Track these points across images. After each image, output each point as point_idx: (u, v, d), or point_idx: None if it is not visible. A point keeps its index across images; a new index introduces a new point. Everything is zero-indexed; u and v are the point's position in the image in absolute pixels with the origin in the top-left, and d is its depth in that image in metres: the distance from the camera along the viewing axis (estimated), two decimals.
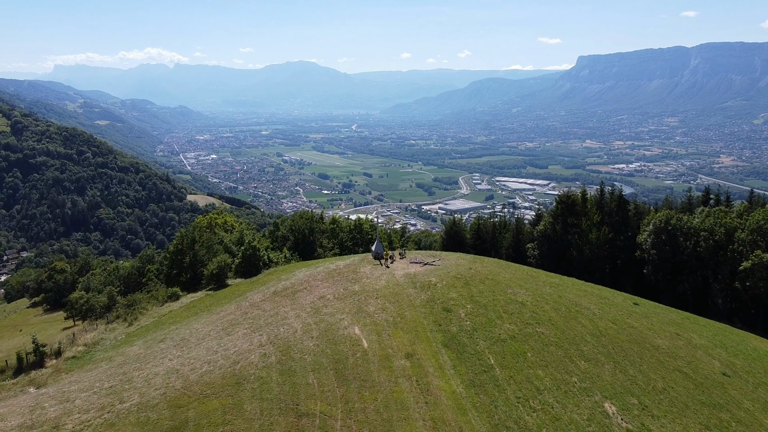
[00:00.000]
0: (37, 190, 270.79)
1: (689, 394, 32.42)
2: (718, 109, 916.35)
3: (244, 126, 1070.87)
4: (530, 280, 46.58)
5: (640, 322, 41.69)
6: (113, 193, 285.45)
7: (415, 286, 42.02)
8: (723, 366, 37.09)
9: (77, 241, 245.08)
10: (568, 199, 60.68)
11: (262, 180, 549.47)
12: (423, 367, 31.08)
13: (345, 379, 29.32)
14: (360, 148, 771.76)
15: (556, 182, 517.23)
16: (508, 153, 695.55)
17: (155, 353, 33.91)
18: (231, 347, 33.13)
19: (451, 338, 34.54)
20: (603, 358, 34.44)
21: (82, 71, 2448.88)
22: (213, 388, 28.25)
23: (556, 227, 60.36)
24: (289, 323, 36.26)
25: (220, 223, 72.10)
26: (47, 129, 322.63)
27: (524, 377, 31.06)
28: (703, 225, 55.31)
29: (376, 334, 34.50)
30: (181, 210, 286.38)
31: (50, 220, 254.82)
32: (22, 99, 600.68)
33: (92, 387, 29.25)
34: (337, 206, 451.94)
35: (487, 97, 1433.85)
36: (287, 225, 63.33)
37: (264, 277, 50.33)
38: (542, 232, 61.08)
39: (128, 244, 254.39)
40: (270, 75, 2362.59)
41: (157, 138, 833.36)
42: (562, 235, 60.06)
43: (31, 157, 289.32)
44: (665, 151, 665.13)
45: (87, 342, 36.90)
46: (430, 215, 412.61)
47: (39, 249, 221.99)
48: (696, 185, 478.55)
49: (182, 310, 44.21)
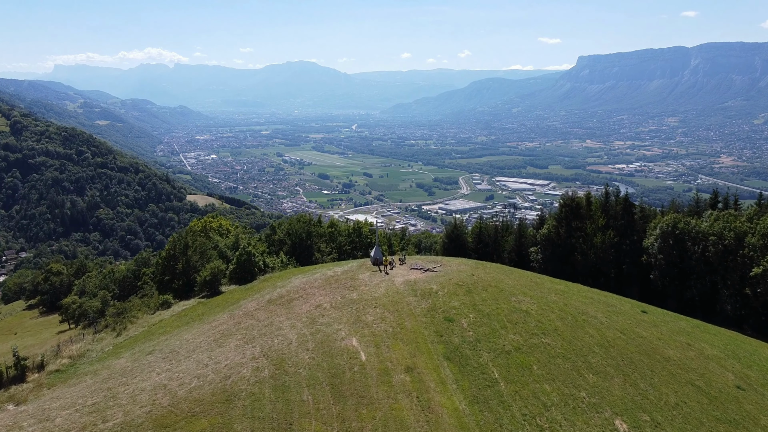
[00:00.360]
0: (36, 191, 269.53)
1: (703, 409, 30.86)
2: (719, 109, 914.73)
3: (244, 126, 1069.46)
4: (535, 287, 45.03)
5: (649, 331, 40.14)
6: (113, 194, 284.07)
7: (415, 294, 40.48)
8: (737, 378, 35.52)
9: (76, 241, 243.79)
10: (572, 202, 59.04)
11: (262, 180, 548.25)
12: (424, 381, 29.54)
13: (341, 396, 27.79)
14: (360, 148, 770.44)
15: (556, 182, 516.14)
16: (509, 153, 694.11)
17: (143, 366, 32.36)
18: (222, 360, 31.59)
19: (453, 350, 33.01)
20: (612, 370, 32.89)
21: (82, 71, 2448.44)
22: (202, 406, 26.72)
23: (559, 231, 58.70)
24: (284, 334, 34.73)
25: (215, 227, 70.20)
26: (47, 129, 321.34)
27: (530, 392, 29.53)
28: (711, 229, 53.73)
29: (374, 345, 32.97)
30: (180, 210, 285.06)
31: (49, 221, 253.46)
32: (21, 99, 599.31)
33: (74, 404, 27.70)
34: (337, 206, 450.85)
35: (487, 97, 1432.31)
36: (284, 228, 61.50)
37: (259, 284, 48.77)
38: (545, 236, 59.43)
39: (128, 245, 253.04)
40: (270, 75, 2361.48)
41: (157, 138, 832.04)
42: (566, 238, 58.40)
43: (30, 157, 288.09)
44: (665, 151, 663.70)
45: (72, 354, 35.36)
46: (430, 215, 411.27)
47: (38, 249, 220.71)
48: (696, 185, 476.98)
49: (173, 319, 42.65)
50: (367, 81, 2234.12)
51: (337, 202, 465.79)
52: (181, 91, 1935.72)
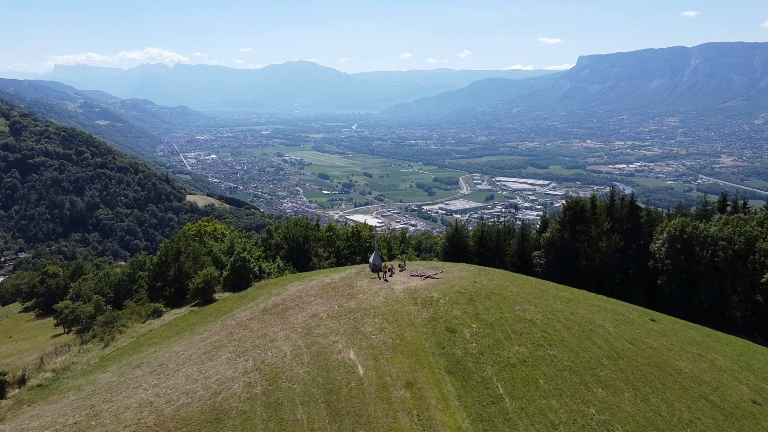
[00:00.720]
0: (35, 191, 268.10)
1: (719, 426, 29.33)
2: (719, 109, 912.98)
3: (244, 126, 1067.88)
4: (539, 294, 43.48)
5: (659, 341, 38.59)
6: (112, 194, 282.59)
7: (415, 302, 38.92)
8: (752, 392, 33.99)
9: (76, 242, 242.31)
10: (576, 205, 57.38)
11: (262, 180, 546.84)
12: (425, 398, 28.00)
13: (338, 414, 26.26)
14: (360, 148, 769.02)
15: (556, 182, 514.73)
16: (509, 153, 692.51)
17: (129, 381, 30.81)
18: (213, 375, 30.04)
19: (455, 363, 31.45)
20: (622, 384, 31.34)
21: (82, 71, 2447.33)
22: (189, 425, 25.19)
23: (564, 234, 57.03)
24: (278, 346, 33.17)
25: (210, 231, 68.34)
26: (46, 129, 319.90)
27: (537, 409, 27.97)
28: (721, 233, 52.14)
29: (372, 359, 31.43)
30: (180, 210, 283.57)
31: (48, 221, 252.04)
32: (21, 99, 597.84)
33: (55, 423, 26.17)
34: (337, 206, 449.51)
35: (487, 97, 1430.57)
36: (281, 232, 59.75)
37: (254, 292, 47.14)
38: (549, 240, 57.76)
39: (127, 245, 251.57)
40: (270, 75, 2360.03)
41: (157, 138, 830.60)
42: (571, 243, 56.73)
43: (29, 158, 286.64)
44: (666, 151, 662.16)
45: (56, 367, 33.78)
46: (430, 215, 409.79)
47: (37, 250, 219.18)
48: (697, 185, 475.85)
49: (163, 329, 41.04)
50: (368, 81, 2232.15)
51: (337, 202, 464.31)
52: (182, 91, 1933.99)
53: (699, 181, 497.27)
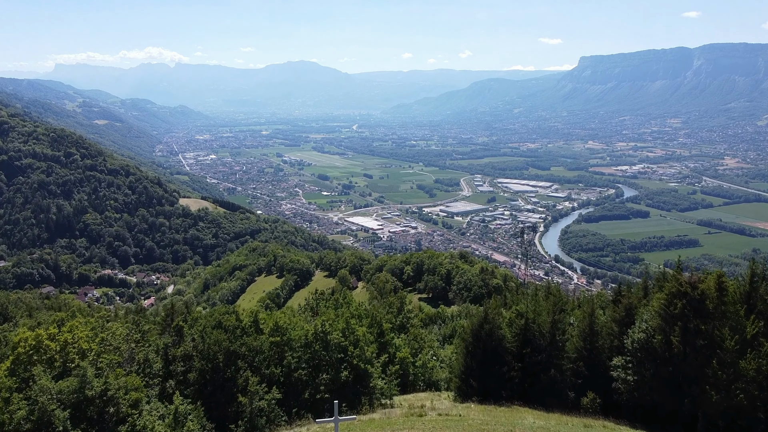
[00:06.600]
0: (21, 194, 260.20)
1: None
2: (722, 111, 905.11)
3: (244, 126, 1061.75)
4: None
5: None
6: (101, 197, 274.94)
7: None
8: None
9: (61, 248, 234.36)
10: (691, 288, 30.45)
11: (261, 181, 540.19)
12: None
13: None
14: (360, 149, 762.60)
15: (558, 184, 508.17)
16: (510, 154, 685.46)
17: None
18: None
19: None
20: None
21: (83, 70, 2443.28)
22: None
23: (670, 337, 28.98)
24: None
25: (54, 347, 26.12)
26: (34, 130, 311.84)
27: None
28: None
29: None
30: (172, 215, 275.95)
31: (34, 226, 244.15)
32: (19, 98, 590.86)
33: None
34: (336, 208, 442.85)
35: (488, 97, 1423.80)
36: (196, 332, 32.85)
37: None
38: (642, 342, 29.31)
39: (115, 252, 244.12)
40: (271, 75, 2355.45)
41: (156, 138, 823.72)
42: (682, 352, 28.13)
43: (16, 159, 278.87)
44: (668, 152, 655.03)
45: None
46: (431, 218, 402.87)
47: (17, 257, 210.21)
48: (701, 188, 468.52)
49: None
50: (368, 81, 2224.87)
51: (337, 203, 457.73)
52: (182, 91, 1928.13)
53: (703, 183, 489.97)
